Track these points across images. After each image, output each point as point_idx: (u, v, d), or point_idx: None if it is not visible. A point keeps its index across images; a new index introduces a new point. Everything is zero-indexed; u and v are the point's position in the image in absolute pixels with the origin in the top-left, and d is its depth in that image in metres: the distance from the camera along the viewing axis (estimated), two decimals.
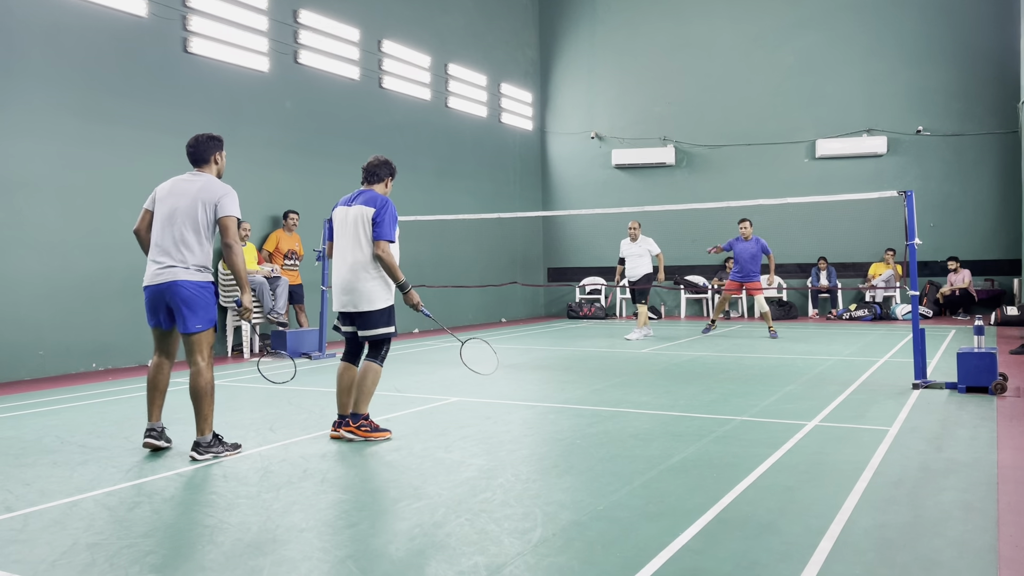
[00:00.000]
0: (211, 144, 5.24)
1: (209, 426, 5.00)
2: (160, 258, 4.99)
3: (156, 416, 5.21)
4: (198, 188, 5.04)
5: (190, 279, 4.93)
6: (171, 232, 4.98)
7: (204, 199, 4.99)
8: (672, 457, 4.77)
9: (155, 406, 5.20)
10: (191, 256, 4.96)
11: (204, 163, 5.21)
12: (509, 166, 17.78)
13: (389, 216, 5.35)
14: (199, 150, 5.20)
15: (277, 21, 12.02)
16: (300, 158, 12.38)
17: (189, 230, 4.96)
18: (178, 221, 4.98)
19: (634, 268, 12.24)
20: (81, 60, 9.44)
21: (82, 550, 3.39)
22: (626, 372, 8.64)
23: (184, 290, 4.92)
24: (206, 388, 4.98)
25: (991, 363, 6.83)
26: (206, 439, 4.97)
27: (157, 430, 5.19)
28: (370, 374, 5.39)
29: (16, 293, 8.75)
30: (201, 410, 4.97)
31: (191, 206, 4.98)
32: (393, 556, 3.26)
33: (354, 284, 5.38)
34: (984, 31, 15.61)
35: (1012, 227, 15.22)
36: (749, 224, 12.84)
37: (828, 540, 3.32)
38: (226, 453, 5.00)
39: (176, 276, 4.92)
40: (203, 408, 4.97)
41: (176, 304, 4.96)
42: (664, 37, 17.90)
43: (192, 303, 4.94)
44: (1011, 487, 4.08)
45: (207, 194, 5.01)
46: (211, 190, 5.04)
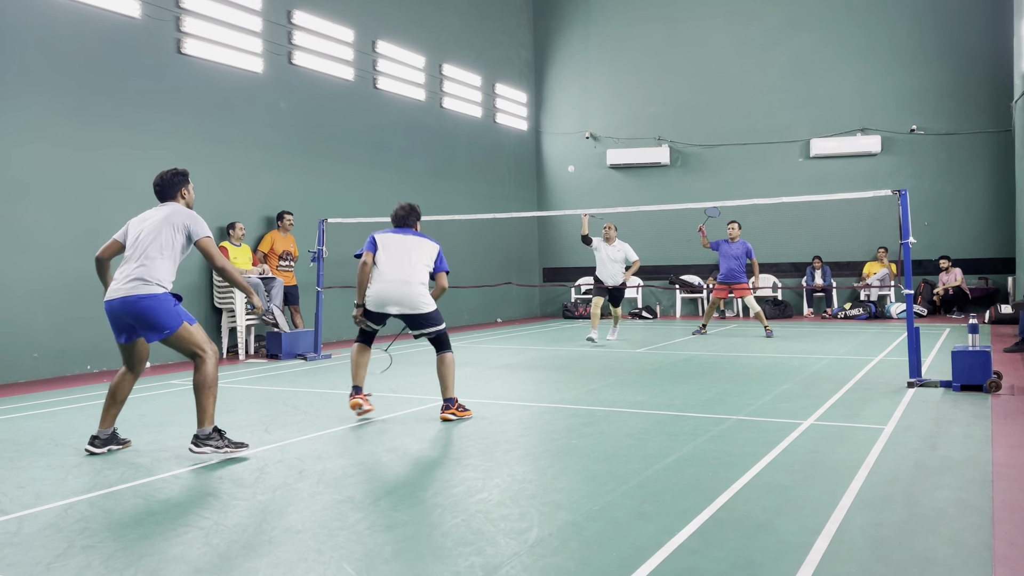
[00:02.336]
0: (176, 180, 5.31)
1: (209, 419, 4.99)
2: (119, 276, 5.02)
3: (107, 423, 5.24)
4: (165, 214, 5.12)
5: (146, 292, 4.93)
6: (135, 253, 5.04)
7: (173, 222, 5.07)
8: (667, 457, 4.78)
9: (108, 414, 5.24)
10: (150, 274, 4.97)
11: (171, 199, 5.29)
12: (504, 166, 17.79)
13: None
14: (165, 186, 5.28)
15: (271, 22, 12.00)
16: (295, 159, 12.36)
17: (154, 249, 5.00)
18: (142, 243, 5.04)
19: (613, 273, 11.78)
20: (74, 61, 9.41)
21: (77, 553, 3.38)
22: (621, 372, 8.65)
23: (137, 306, 4.93)
24: (204, 380, 5.00)
25: (985, 361, 6.85)
26: (204, 431, 4.97)
27: (101, 438, 5.21)
28: (448, 362, 6.19)
29: (10, 295, 8.73)
30: (200, 402, 4.99)
31: (156, 227, 5.05)
32: (389, 557, 3.26)
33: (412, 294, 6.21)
34: (977, 30, 15.67)
35: (1006, 225, 15.27)
36: (738, 227, 12.86)
37: (824, 539, 3.33)
38: (226, 449, 4.97)
39: (132, 291, 4.93)
40: (202, 400, 4.98)
41: (137, 321, 4.98)
42: (658, 37, 17.92)
43: (147, 317, 4.95)
44: (1006, 485, 4.09)
45: (176, 218, 5.09)
46: (179, 214, 5.12)
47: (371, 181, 13.73)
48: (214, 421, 5.04)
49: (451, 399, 6.13)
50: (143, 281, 4.95)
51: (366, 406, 6.15)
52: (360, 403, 6.14)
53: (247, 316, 10.73)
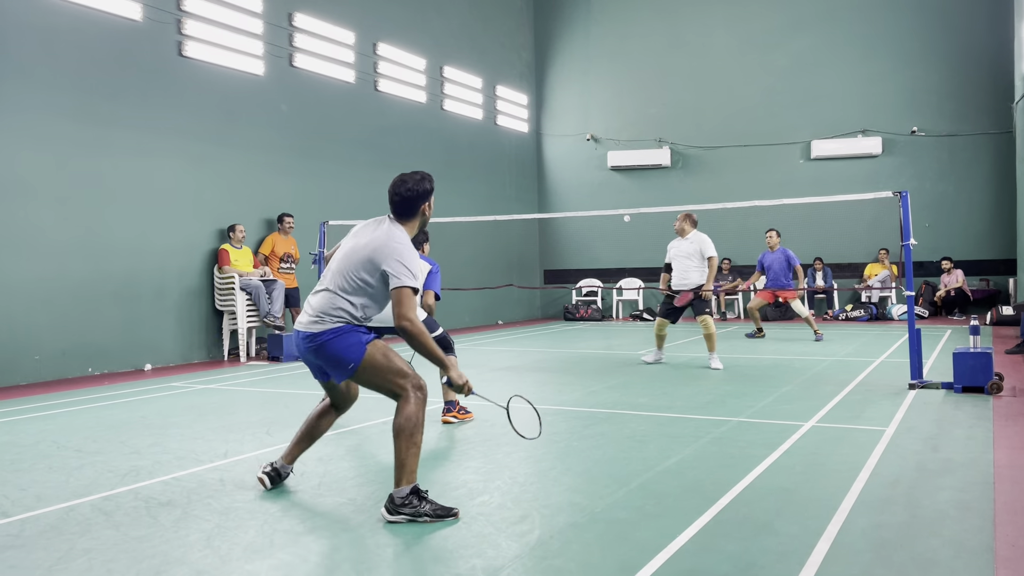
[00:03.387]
0: (423, 189, 4.15)
1: (406, 476, 3.75)
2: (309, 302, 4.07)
3: (289, 458, 4.42)
4: (382, 238, 4.00)
5: (318, 331, 3.92)
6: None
7: (380, 254, 3.91)
8: (669, 458, 4.77)
9: (295, 446, 4.41)
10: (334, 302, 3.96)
11: (409, 217, 4.14)
12: (505, 168, 17.79)
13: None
14: (407, 201, 4.10)
15: (272, 24, 12.02)
16: (295, 161, 12.37)
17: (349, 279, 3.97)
18: (340, 265, 4.05)
19: (685, 273, 9.38)
20: (76, 64, 9.43)
21: (78, 555, 3.38)
22: (622, 374, 8.64)
23: (312, 343, 3.96)
24: (403, 425, 3.80)
25: (987, 363, 6.84)
26: (401, 493, 3.72)
27: (276, 467, 4.37)
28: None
29: (11, 297, 8.73)
30: (397, 453, 3.79)
31: (360, 257, 3.98)
32: (390, 560, 3.26)
33: None
34: (978, 32, 15.66)
35: (1007, 227, 15.26)
36: (776, 234, 12.65)
37: (825, 541, 3.32)
38: (426, 518, 3.70)
39: (308, 328, 3.96)
40: (399, 450, 3.78)
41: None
42: (659, 39, 17.93)
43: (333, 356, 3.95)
44: (1007, 486, 4.08)
45: (384, 250, 3.92)
46: (389, 247, 3.93)
47: (372, 183, 13.71)
48: (415, 480, 3.80)
49: (452, 402, 6.11)
50: (318, 318, 3.97)
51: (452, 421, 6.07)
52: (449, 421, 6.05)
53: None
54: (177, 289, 10.50)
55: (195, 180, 10.80)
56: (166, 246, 10.34)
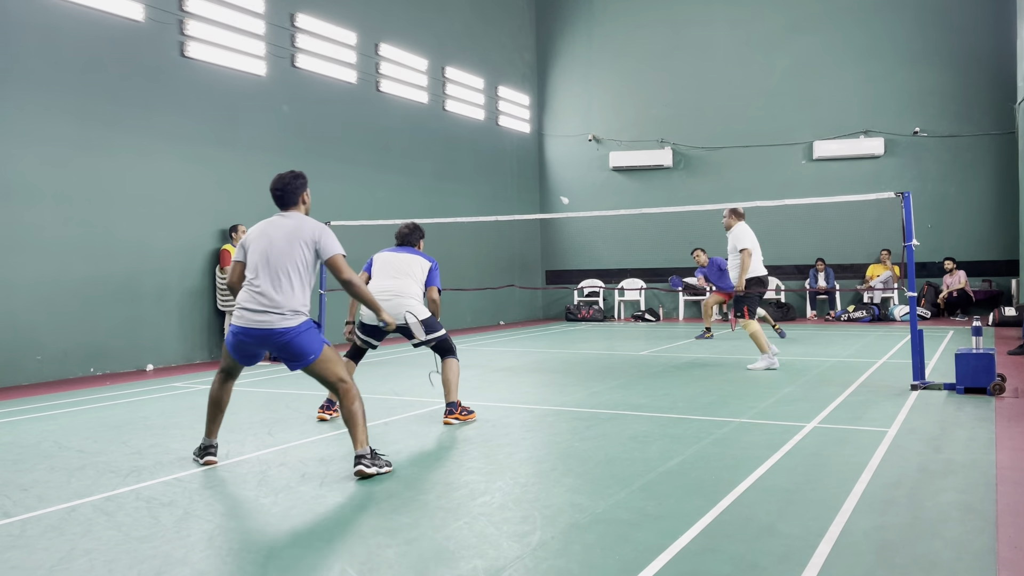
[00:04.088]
0: (298, 184, 4.91)
1: (366, 440, 4.61)
2: (255, 302, 4.60)
3: (214, 434, 4.99)
4: (292, 227, 4.71)
5: (283, 326, 4.55)
6: (268, 274, 4.63)
7: (304, 239, 4.66)
8: (671, 459, 4.77)
9: (213, 422, 4.96)
10: (286, 300, 4.58)
11: (292, 205, 4.89)
12: (507, 169, 17.79)
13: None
14: (286, 192, 4.85)
15: (274, 25, 12.03)
16: (297, 162, 12.32)
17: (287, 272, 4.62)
18: (272, 262, 4.64)
19: (735, 270, 9.11)
20: (78, 64, 9.44)
21: (80, 555, 3.38)
22: (624, 374, 8.64)
23: (281, 337, 4.56)
24: (357, 410, 4.62)
25: (989, 364, 6.83)
26: (365, 451, 4.57)
27: (205, 445, 4.96)
28: (452, 367, 6.21)
29: (13, 298, 8.74)
30: (358, 430, 4.61)
31: (287, 245, 4.65)
32: (391, 559, 3.26)
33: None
34: (980, 33, 15.65)
35: (1009, 228, 15.24)
36: (702, 252, 13.07)
37: (827, 542, 3.32)
38: (386, 466, 4.61)
39: (271, 325, 4.54)
40: (360, 428, 4.61)
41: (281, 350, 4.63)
42: (661, 39, 17.93)
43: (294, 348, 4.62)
44: (1009, 488, 4.08)
45: (303, 233, 4.68)
46: (305, 229, 4.70)
47: (374, 184, 13.74)
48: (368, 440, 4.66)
49: (454, 403, 6.11)
50: (295, 312, 4.59)
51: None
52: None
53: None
54: (179, 289, 10.51)
55: (197, 180, 10.81)
56: (168, 246, 10.34)
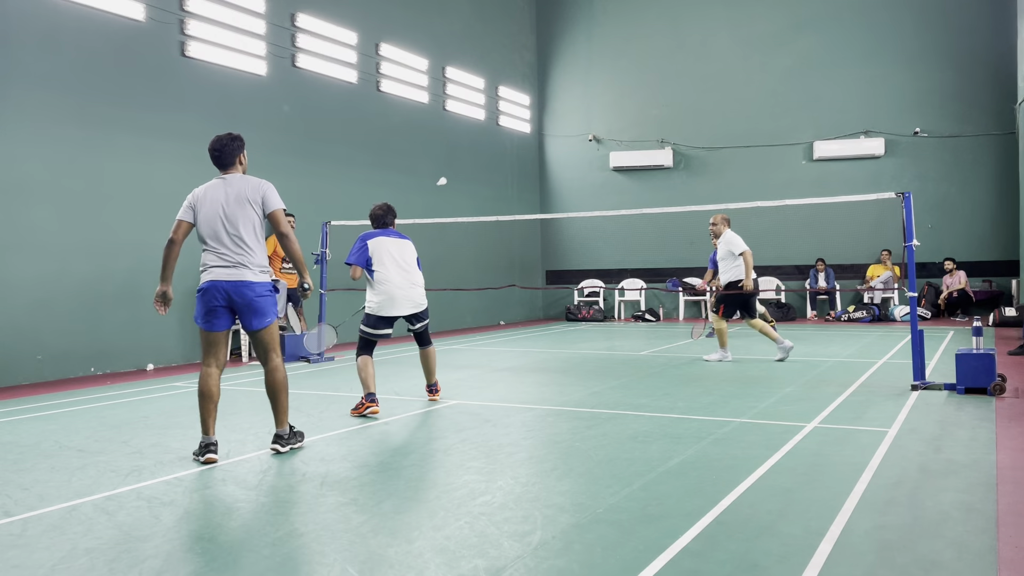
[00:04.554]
0: (235, 145, 5.29)
1: (287, 419, 5.25)
2: (223, 260, 5.02)
3: (212, 430, 5.13)
4: (239, 188, 5.10)
5: (255, 280, 5.02)
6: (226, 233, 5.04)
7: (250, 197, 5.07)
8: (671, 459, 4.77)
9: (212, 419, 5.15)
10: (252, 257, 5.04)
11: (230, 166, 5.27)
12: (507, 169, 17.79)
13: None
14: (224, 153, 5.24)
15: (274, 25, 12.03)
16: (298, 162, 12.38)
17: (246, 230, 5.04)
18: (229, 222, 5.03)
19: (725, 273, 9.55)
20: (78, 64, 9.44)
21: (81, 555, 3.38)
22: (624, 374, 8.64)
23: (251, 291, 5.01)
24: (283, 381, 5.21)
25: (989, 364, 6.84)
26: (285, 431, 5.19)
27: (206, 443, 5.07)
28: (433, 353, 7.06)
29: (14, 298, 8.74)
30: (281, 403, 5.19)
31: (239, 206, 5.05)
32: (392, 559, 3.26)
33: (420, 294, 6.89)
34: (981, 33, 15.65)
35: (1010, 228, 15.24)
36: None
37: (828, 542, 3.32)
38: (298, 441, 5.25)
39: (243, 277, 4.99)
40: (283, 401, 5.20)
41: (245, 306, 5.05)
42: (661, 39, 17.93)
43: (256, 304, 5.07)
44: (1010, 488, 4.08)
45: (251, 192, 5.09)
46: (252, 187, 5.12)
47: (374, 184, 13.73)
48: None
49: (435, 382, 7.07)
50: (263, 269, 5.08)
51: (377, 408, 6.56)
52: (377, 409, 6.49)
53: None
54: (179, 289, 10.46)
55: (197, 181, 10.62)
56: None
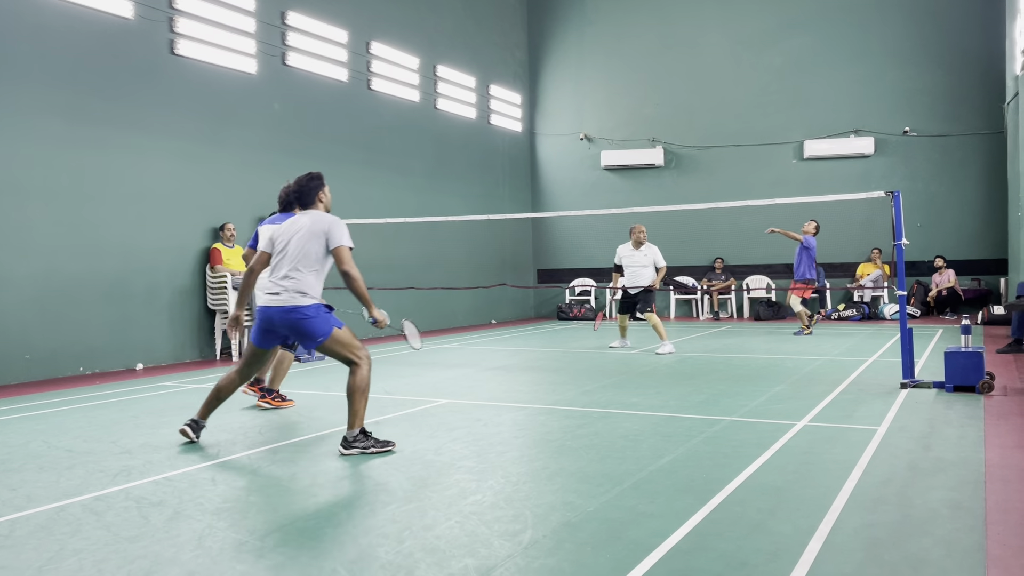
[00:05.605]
0: (312, 184, 5.38)
1: (358, 421, 5.11)
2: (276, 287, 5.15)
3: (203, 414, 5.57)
4: (310, 221, 5.21)
5: (302, 304, 5.07)
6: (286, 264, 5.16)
7: (320, 231, 5.15)
8: (662, 458, 4.78)
9: (211, 410, 5.58)
10: (301, 284, 5.10)
11: (310, 204, 5.36)
12: (498, 167, 17.78)
13: None
14: (303, 193, 5.35)
15: (264, 23, 11.98)
16: (288, 160, 12.33)
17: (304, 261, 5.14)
18: (291, 253, 5.15)
19: (637, 279, 10.85)
20: (67, 62, 9.38)
21: (69, 555, 3.36)
22: (616, 373, 8.65)
23: (297, 314, 5.07)
24: (358, 384, 5.10)
25: (978, 362, 6.87)
26: (353, 433, 5.08)
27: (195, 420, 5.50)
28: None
29: (1, 297, 8.68)
30: (351, 405, 5.09)
31: (307, 239, 5.16)
32: (383, 559, 3.25)
33: None
34: (970, 33, 15.73)
35: (998, 227, 15.33)
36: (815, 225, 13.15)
37: (817, 540, 3.33)
38: (374, 448, 5.06)
39: (291, 302, 5.06)
40: (353, 403, 5.09)
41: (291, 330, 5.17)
42: (653, 39, 17.95)
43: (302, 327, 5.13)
44: (998, 485, 4.10)
45: (317, 226, 5.17)
46: (321, 222, 5.20)
47: (365, 182, 13.70)
48: (363, 423, 5.12)
49: (271, 389, 6.83)
50: (293, 293, 5.09)
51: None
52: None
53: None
54: (169, 288, 10.46)
55: (187, 179, 10.77)
56: (158, 245, 10.30)
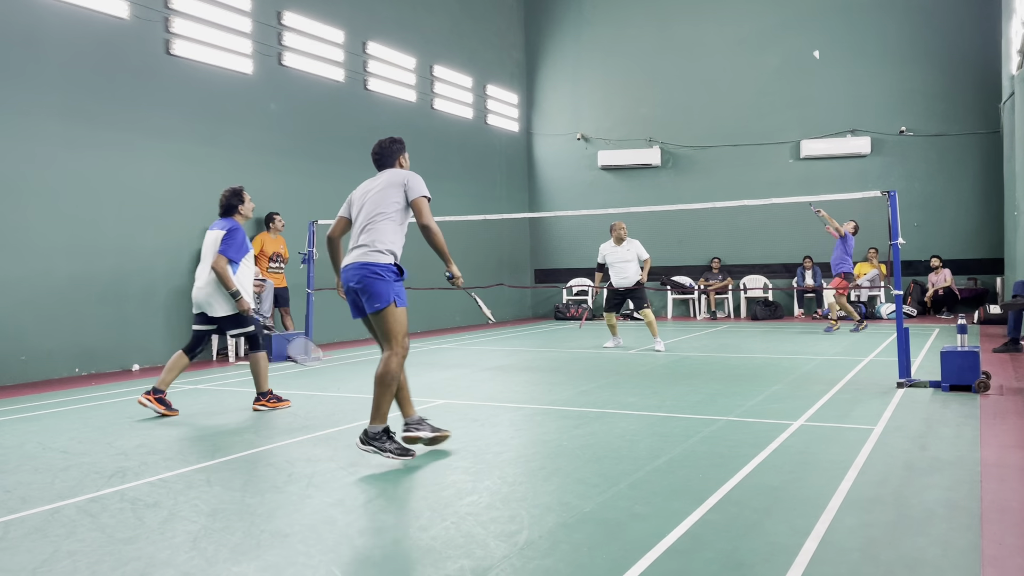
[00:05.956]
0: (394, 147, 5.28)
1: (382, 418, 4.73)
2: (353, 243, 5.03)
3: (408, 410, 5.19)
4: (388, 175, 5.13)
5: (373, 261, 4.84)
6: (360, 221, 5.03)
7: (397, 181, 5.05)
8: (658, 458, 4.77)
9: (404, 401, 5.17)
10: (379, 237, 4.92)
11: (389, 167, 5.26)
12: (495, 168, 17.78)
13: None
14: (384, 154, 5.26)
15: (260, 23, 11.97)
16: (284, 160, 12.33)
17: (379, 215, 4.99)
18: (367, 211, 5.01)
19: (624, 275, 10.97)
20: (63, 62, 9.36)
21: (63, 557, 3.35)
22: (613, 373, 8.64)
23: (365, 269, 4.84)
24: (385, 375, 4.75)
25: (974, 362, 6.88)
26: (375, 429, 4.72)
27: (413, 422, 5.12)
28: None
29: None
30: (375, 397, 4.74)
31: (379, 193, 5.04)
32: (378, 560, 3.25)
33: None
34: (966, 33, 15.75)
35: (994, 226, 15.35)
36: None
37: (813, 540, 3.33)
38: (390, 454, 4.69)
39: (363, 258, 4.86)
40: (377, 395, 4.74)
41: (360, 288, 4.90)
42: (649, 39, 17.95)
43: (368, 285, 4.85)
44: (994, 485, 4.10)
45: (395, 178, 5.08)
46: (399, 174, 5.11)
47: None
48: (386, 421, 4.75)
49: (265, 392, 6.72)
50: (370, 248, 4.88)
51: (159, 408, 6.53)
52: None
53: None
54: (165, 289, 10.44)
55: (183, 179, 10.74)
56: (154, 246, 10.28)
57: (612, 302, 11.25)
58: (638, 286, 10.93)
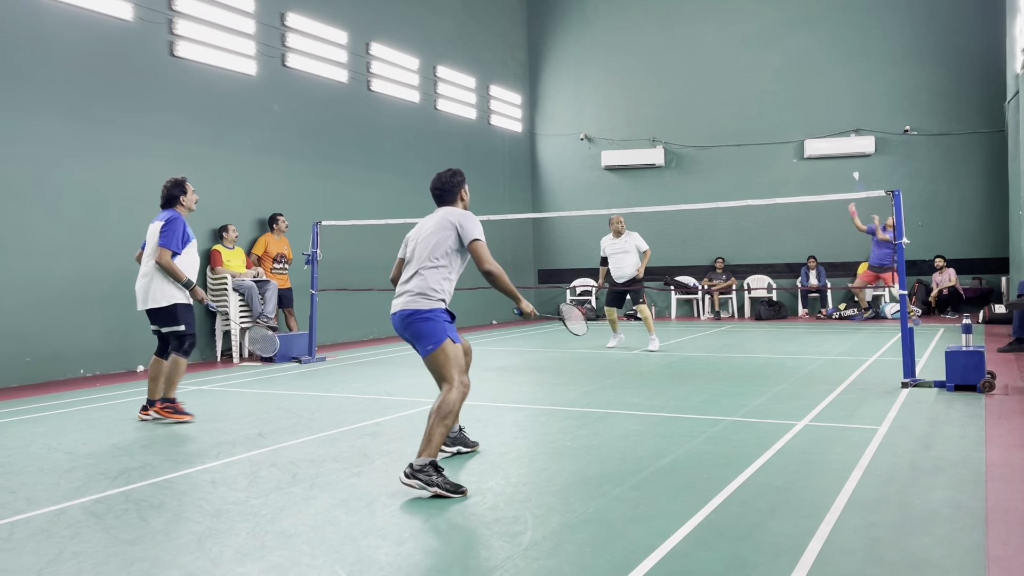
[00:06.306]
0: (455, 181, 4.88)
1: (431, 451, 4.24)
2: (401, 285, 4.73)
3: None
4: (440, 215, 4.76)
5: (417, 308, 4.55)
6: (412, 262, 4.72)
7: (450, 222, 4.67)
8: (662, 458, 4.77)
9: None
10: (425, 282, 4.60)
11: (451, 203, 4.87)
12: (498, 168, 17.78)
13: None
14: (444, 190, 4.85)
15: (264, 24, 11.98)
16: (288, 161, 12.34)
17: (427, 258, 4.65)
18: (418, 252, 4.69)
19: (622, 267, 10.95)
20: (67, 64, 9.38)
21: (68, 558, 3.36)
22: (616, 374, 8.64)
23: (411, 317, 4.58)
24: (442, 407, 4.34)
25: (979, 361, 6.86)
26: (421, 462, 4.19)
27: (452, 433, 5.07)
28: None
29: (2, 299, 8.68)
30: (428, 429, 4.31)
31: (434, 232, 4.69)
32: (382, 561, 3.25)
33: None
34: (970, 31, 15.71)
35: (999, 226, 15.31)
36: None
37: (818, 540, 3.32)
38: (437, 489, 4.10)
39: (407, 306, 4.58)
40: (430, 427, 4.30)
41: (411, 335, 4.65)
42: (653, 39, 17.94)
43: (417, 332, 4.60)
44: (999, 485, 4.09)
45: (447, 218, 4.69)
46: (451, 213, 4.72)
47: (365, 183, 13.71)
48: (436, 455, 4.26)
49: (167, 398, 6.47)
50: (415, 293, 4.58)
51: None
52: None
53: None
54: None
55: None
56: None
57: (612, 297, 11.30)
58: (637, 283, 10.93)
